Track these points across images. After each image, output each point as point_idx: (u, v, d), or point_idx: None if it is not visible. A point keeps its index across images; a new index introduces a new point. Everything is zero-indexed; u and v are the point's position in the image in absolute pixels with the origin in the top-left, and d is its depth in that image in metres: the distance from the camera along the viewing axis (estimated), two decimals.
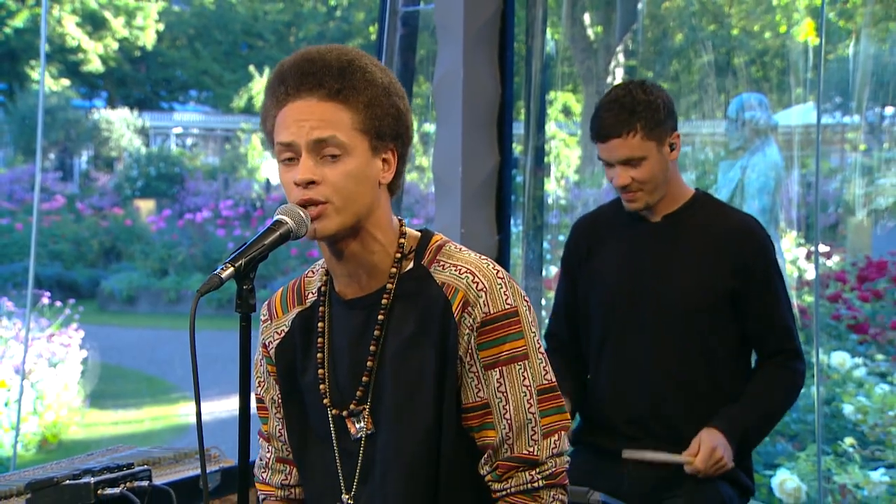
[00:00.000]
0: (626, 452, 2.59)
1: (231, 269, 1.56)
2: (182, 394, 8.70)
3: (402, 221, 1.80)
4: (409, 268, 1.76)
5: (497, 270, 1.75)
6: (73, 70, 23.11)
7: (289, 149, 1.68)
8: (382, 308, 1.74)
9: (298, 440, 1.86)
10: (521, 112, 4.61)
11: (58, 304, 8.25)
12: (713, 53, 10.53)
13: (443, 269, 1.75)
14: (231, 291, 1.59)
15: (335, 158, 1.67)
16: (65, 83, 22.78)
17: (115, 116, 22.01)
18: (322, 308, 1.83)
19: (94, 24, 22.90)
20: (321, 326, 1.82)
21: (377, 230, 1.74)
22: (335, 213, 1.68)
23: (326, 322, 1.82)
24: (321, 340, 1.81)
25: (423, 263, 1.76)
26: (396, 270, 1.75)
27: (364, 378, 1.75)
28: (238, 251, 1.59)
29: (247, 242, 1.61)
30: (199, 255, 14.18)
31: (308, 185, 1.66)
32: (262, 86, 20.25)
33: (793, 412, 4.85)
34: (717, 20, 12.51)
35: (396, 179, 1.77)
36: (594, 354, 2.69)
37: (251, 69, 23.54)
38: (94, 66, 23.14)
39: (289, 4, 25.71)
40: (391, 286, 1.75)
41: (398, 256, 1.76)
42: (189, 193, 17.91)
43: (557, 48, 10.40)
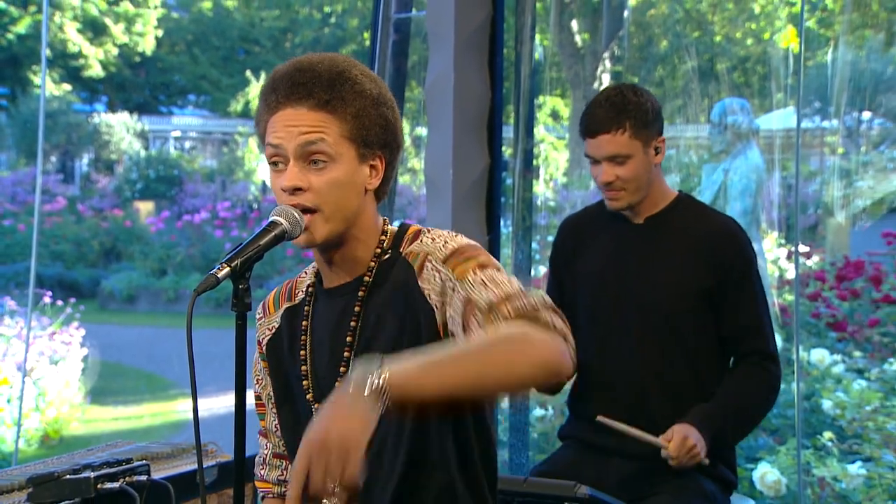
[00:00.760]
0: (601, 418, 2.55)
1: (227, 269, 1.57)
2: (180, 390, 8.70)
3: (386, 220, 1.82)
4: (387, 257, 1.78)
5: (460, 235, 1.76)
6: (74, 75, 22.96)
7: (277, 151, 1.70)
8: (359, 300, 1.76)
9: (291, 435, 1.87)
10: (511, 116, 4.62)
11: (59, 304, 8.13)
12: (697, 59, 10.47)
13: (411, 247, 1.77)
14: (228, 291, 1.61)
15: (322, 165, 1.69)
16: (66, 88, 22.68)
17: (116, 120, 21.88)
18: (307, 306, 1.85)
19: (95, 31, 22.78)
20: (304, 324, 1.84)
21: (362, 233, 1.77)
22: (324, 222, 1.70)
23: (310, 317, 1.84)
24: (304, 337, 1.84)
25: (400, 250, 1.78)
26: (375, 263, 1.78)
27: (342, 369, 1.76)
28: (234, 251, 1.59)
29: (243, 243, 1.62)
30: (198, 256, 14.08)
31: (294, 192, 1.68)
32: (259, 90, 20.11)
33: (773, 407, 4.91)
34: (701, 27, 12.42)
35: (384, 185, 1.78)
36: (580, 352, 2.68)
37: (248, 74, 23.38)
38: (95, 72, 23.01)
39: (284, 11, 25.46)
40: (368, 278, 1.77)
41: (378, 252, 1.78)
42: (187, 195, 17.67)
43: (546, 54, 10.24)
